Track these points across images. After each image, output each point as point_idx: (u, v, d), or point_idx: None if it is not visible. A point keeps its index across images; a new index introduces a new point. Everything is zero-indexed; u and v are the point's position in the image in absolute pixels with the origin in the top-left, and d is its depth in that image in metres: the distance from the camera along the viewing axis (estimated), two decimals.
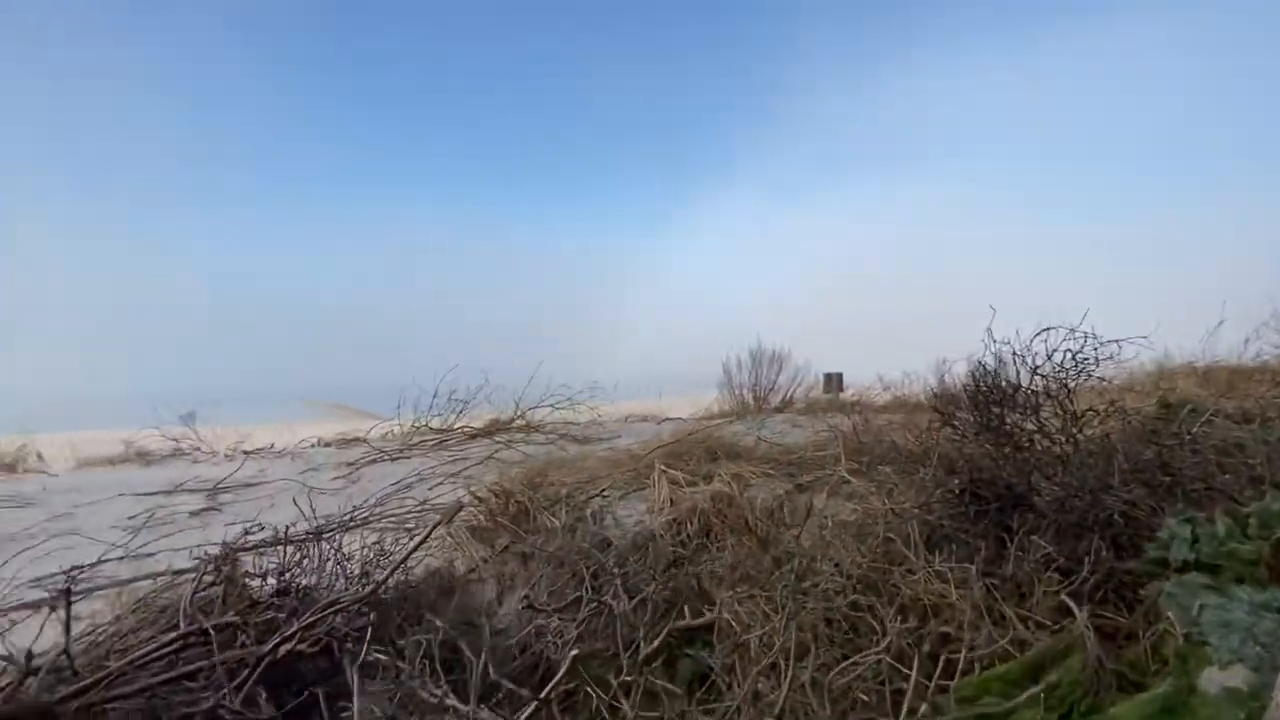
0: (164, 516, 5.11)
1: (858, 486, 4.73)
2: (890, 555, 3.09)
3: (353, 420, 16.16)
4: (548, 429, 8.60)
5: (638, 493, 5.41)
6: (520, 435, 8.12)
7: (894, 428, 6.43)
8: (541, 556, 3.88)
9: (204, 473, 6.49)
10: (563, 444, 7.71)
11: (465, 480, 6.10)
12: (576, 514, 4.47)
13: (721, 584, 3.15)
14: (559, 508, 4.63)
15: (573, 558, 3.73)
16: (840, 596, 2.49)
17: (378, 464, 6.90)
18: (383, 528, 4.36)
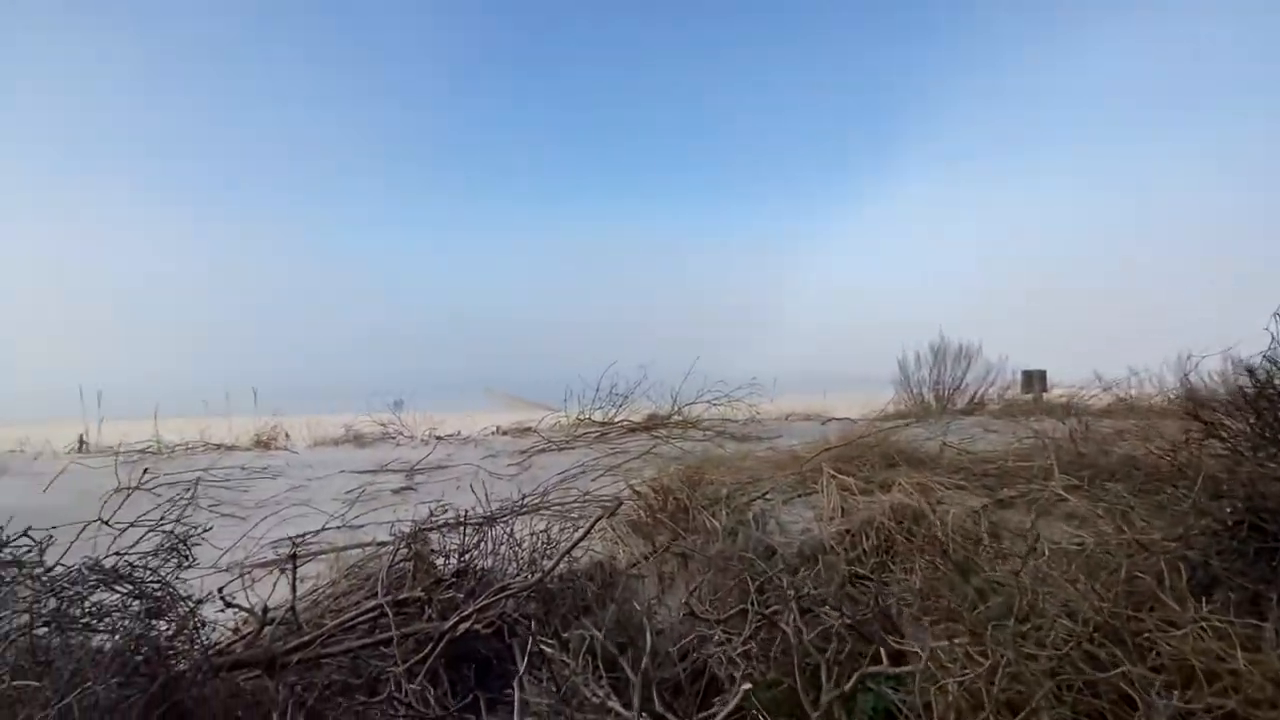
0: (372, 493, 5.83)
1: (1078, 507, 3.95)
2: (1135, 598, 2.47)
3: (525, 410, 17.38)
4: (704, 425, 8.48)
5: (803, 498, 5.06)
6: (677, 431, 8.09)
7: (1123, 436, 5.33)
8: (702, 559, 3.73)
9: (404, 455, 7.32)
10: (720, 441, 7.52)
11: (624, 474, 6.18)
12: (737, 516, 4.26)
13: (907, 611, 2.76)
14: (718, 508, 4.45)
15: (735, 564, 3.53)
16: (1073, 647, 2.01)
17: (546, 453, 7.28)
18: (550, 516, 4.51)
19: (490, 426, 9.48)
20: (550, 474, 6.17)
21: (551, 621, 3.18)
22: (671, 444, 7.35)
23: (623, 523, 4.41)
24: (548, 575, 3.15)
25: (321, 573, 4.06)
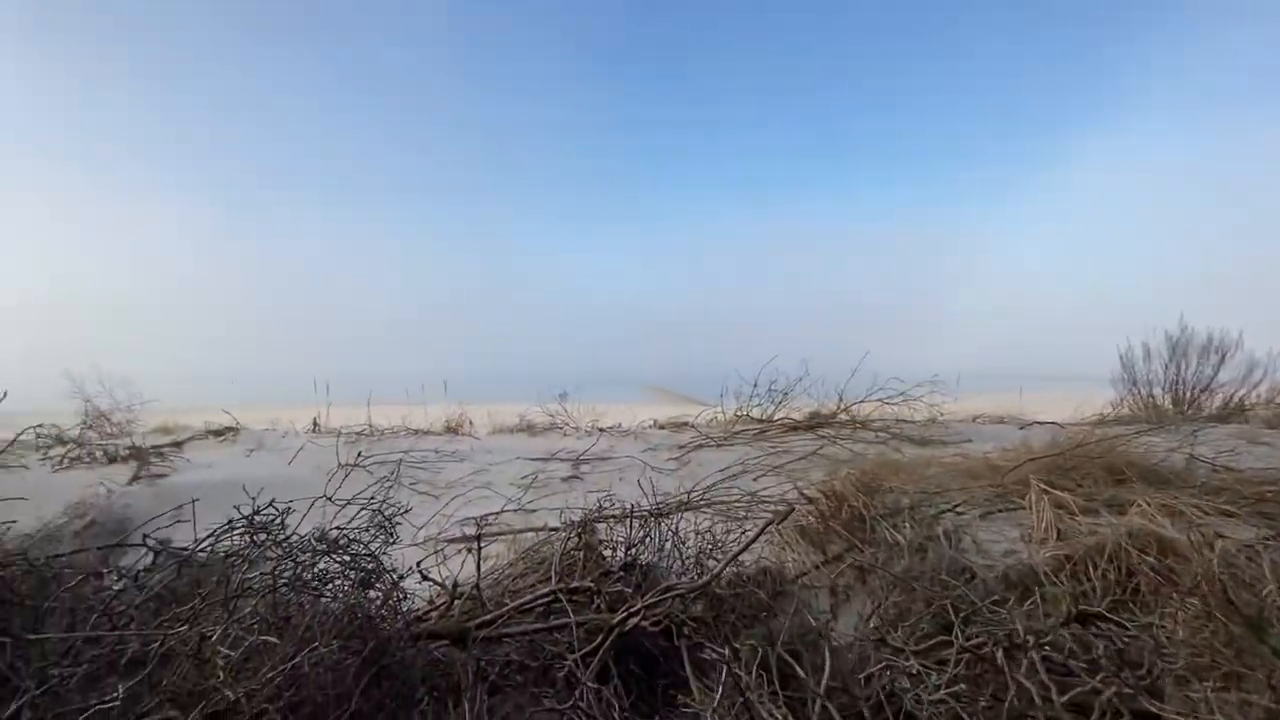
0: (543, 480, 6.16)
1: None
2: None
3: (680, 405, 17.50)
4: (876, 426, 7.81)
5: (1005, 514, 4.40)
6: (845, 431, 7.54)
7: None
8: (884, 575, 3.37)
9: (570, 445, 7.67)
10: (896, 445, 6.87)
11: (789, 474, 5.87)
12: (925, 530, 3.80)
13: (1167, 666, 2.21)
14: (901, 519, 4.01)
15: (925, 584, 3.13)
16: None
17: (704, 449, 7.18)
18: (713, 514, 4.39)
19: (648, 420, 9.63)
20: (709, 471, 6.06)
21: (720, 627, 3.06)
22: (839, 445, 6.86)
23: (791, 527, 4.15)
24: (716, 578, 3.02)
25: (500, 553, 4.33)
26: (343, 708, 1.97)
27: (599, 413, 10.11)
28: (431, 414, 10.41)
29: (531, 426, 9.24)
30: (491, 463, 6.88)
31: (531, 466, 6.66)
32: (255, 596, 2.15)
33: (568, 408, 10.19)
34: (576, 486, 6.05)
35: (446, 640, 3.00)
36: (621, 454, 7.10)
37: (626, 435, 8.36)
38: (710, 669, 2.67)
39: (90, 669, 2.12)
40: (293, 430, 9.16)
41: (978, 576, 3.31)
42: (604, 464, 6.79)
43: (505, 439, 8.63)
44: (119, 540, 4.01)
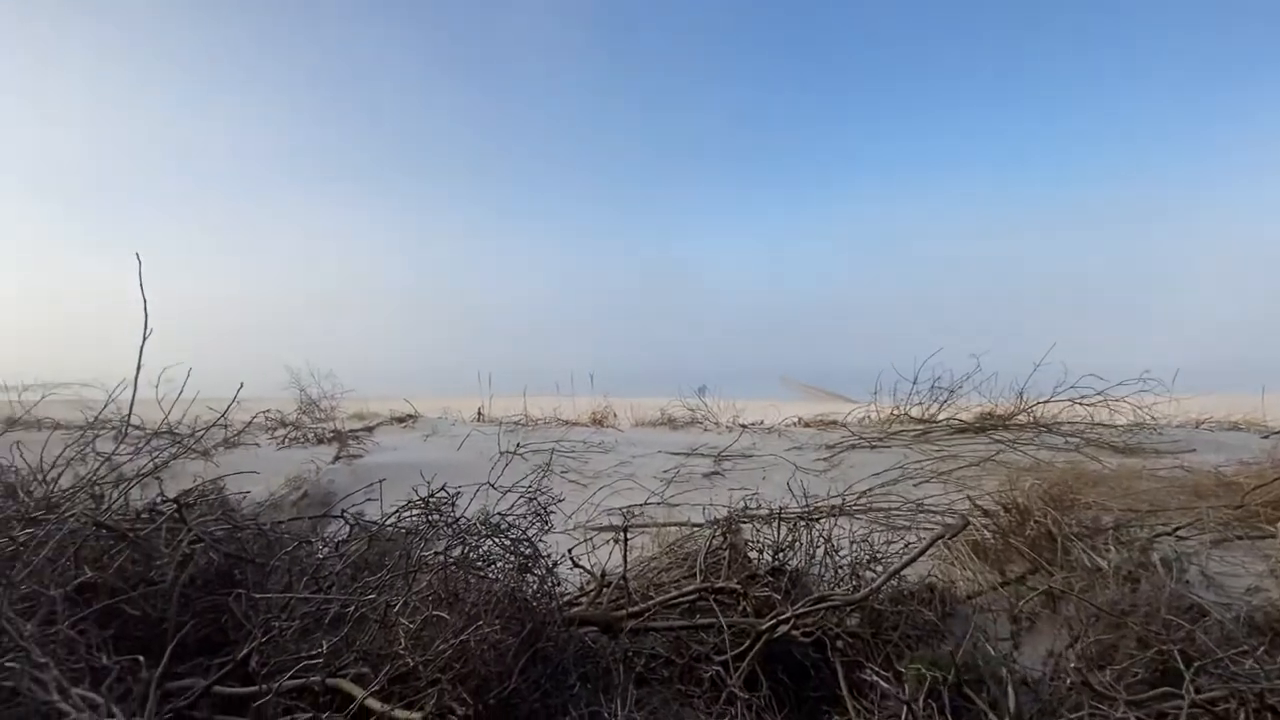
0: (685, 474, 6.16)
1: None
2: None
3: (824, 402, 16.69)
4: (1065, 430, 6.81)
5: (1245, 542, 3.62)
6: (1026, 435, 6.66)
7: None
8: (1082, 605, 2.90)
9: (711, 440, 7.61)
10: (1093, 452, 5.93)
11: (957, 482, 5.30)
12: (1136, 556, 3.21)
13: None
14: (1102, 541, 3.44)
15: (1140, 620, 2.64)
16: None
17: (856, 450, 6.74)
18: (869, 521, 4.08)
19: (791, 417, 9.26)
20: (863, 474, 5.67)
21: (879, 645, 2.82)
22: (1019, 451, 6.08)
23: (962, 542, 3.73)
24: (875, 592, 2.79)
25: (645, 545, 4.38)
26: (503, 684, 2.08)
27: (739, 408, 9.94)
28: (579, 406, 10.90)
29: (672, 420, 9.31)
30: (635, 455, 7.02)
31: (673, 461, 6.70)
32: (430, 572, 2.34)
33: (707, 402, 10.13)
34: (718, 483, 5.98)
35: (595, 627, 3.09)
36: (764, 452, 6.90)
37: (769, 432, 8.11)
38: (869, 689, 2.47)
39: (301, 624, 2.45)
40: (460, 419, 10.08)
41: (1210, 616, 2.73)
42: (746, 461, 6.64)
43: (647, 432, 8.78)
44: (324, 512, 4.65)
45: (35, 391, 8.84)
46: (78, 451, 4.93)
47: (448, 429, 9.02)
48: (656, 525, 4.69)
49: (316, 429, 8.72)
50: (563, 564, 2.96)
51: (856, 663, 2.65)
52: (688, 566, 3.76)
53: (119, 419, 6.49)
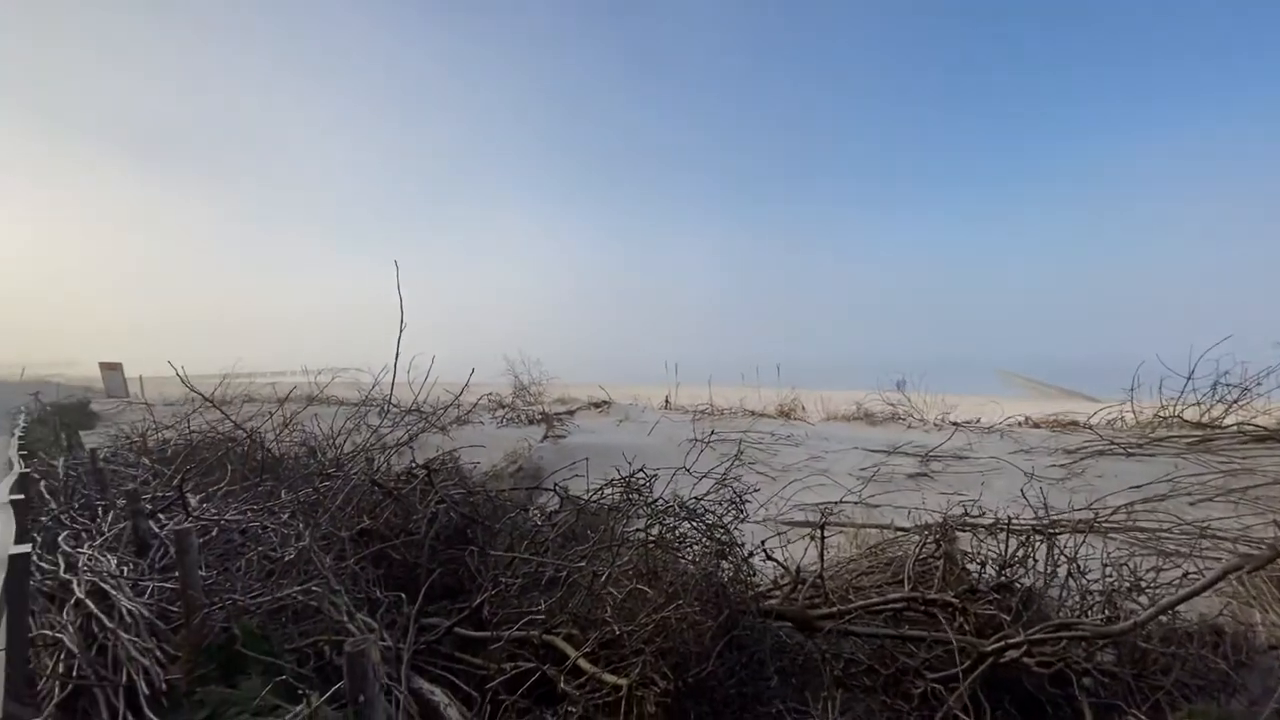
0: (885, 474, 5.71)
1: None
2: None
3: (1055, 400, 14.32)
4: None
5: None
6: None
7: None
8: None
9: (916, 438, 6.95)
10: None
11: (1252, 502, 4.19)
12: None
13: None
14: None
15: None
16: None
17: (1106, 457, 5.66)
18: (1129, 542, 3.40)
19: (1016, 416, 8.09)
20: (1116, 486, 4.74)
21: (1142, 690, 2.33)
22: None
23: (1264, 577, 2.95)
24: (1140, 627, 2.31)
25: (840, 544, 4.16)
26: (701, 665, 2.11)
27: (948, 404, 8.95)
28: (764, 397, 10.71)
29: (870, 415, 8.70)
30: (827, 450, 6.69)
31: (871, 458, 6.25)
32: (631, 548, 2.46)
33: (910, 397, 9.29)
34: (925, 485, 5.44)
35: (790, 623, 3.00)
36: (983, 454, 6.11)
37: (990, 432, 7.17)
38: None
39: (522, 582, 2.74)
40: (649, 406, 10.51)
41: None
42: (959, 464, 5.95)
43: (841, 426, 8.31)
44: (537, 484, 5.17)
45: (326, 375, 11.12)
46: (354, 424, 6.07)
47: (638, 415, 9.45)
48: (854, 526, 4.42)
49: (527, 411, 9.73)
50: (755, 555, 2.91)
51: (1112, 706, 2.23)
52: (891, 572, 3.47)
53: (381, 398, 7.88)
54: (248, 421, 5.63)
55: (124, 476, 4.81)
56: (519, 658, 2.50)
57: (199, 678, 2.25)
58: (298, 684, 2.08)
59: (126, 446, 6.29)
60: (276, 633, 2.48)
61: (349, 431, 5.80)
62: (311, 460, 5.19)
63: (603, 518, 2.89)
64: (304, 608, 2.60)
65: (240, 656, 2.28)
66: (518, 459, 6.87)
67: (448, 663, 2.69)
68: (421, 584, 3.08)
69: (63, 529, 3.61)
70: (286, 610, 2.60)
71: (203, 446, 5.55)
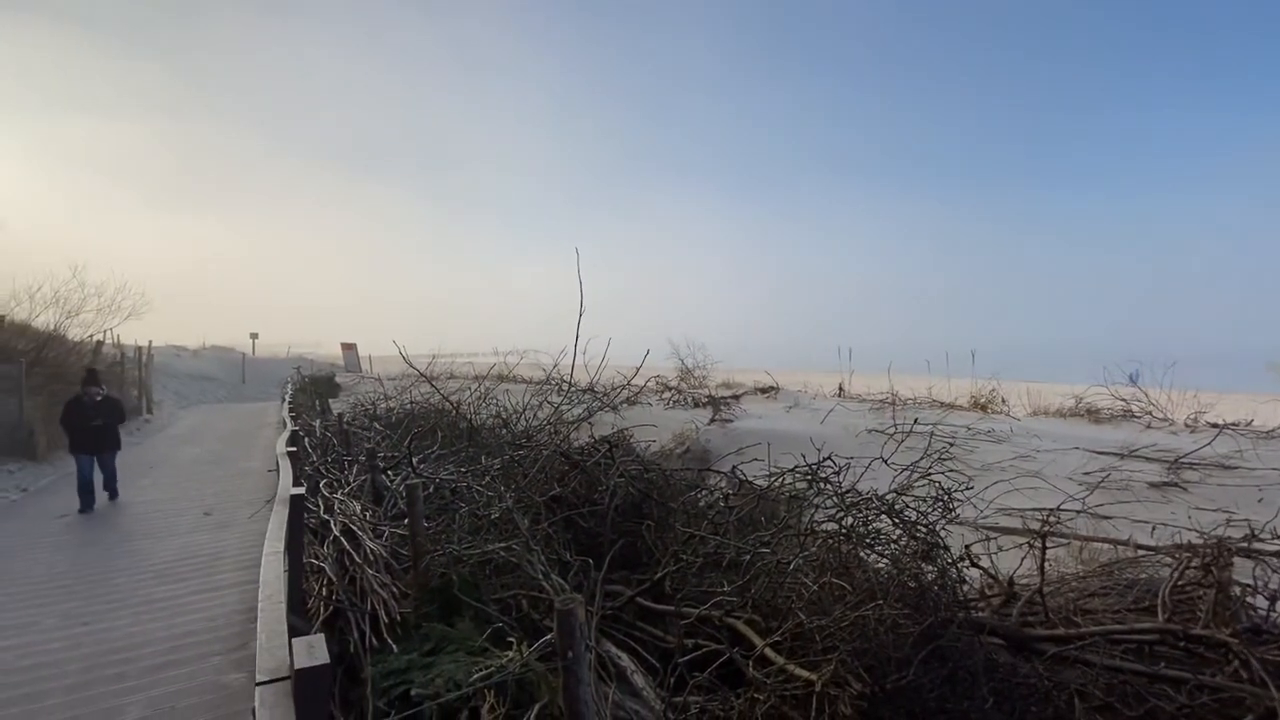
0: (1118, 480, 4.82)
1: None
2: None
3: None
4: None
5: None
6: None
7: None
8: None
9: (1160, 441, 5.78)
10: None
11: None
12: None
13: None
14: None
15: None
16: None
17: None
18: None
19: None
20: None
21: None
22: None
23: None
24: None
25: (1060, 558, 3.60)
26: (901, 673, 1.93)
27: (1204, 403, 7.33)
28: (955, 387, 9.67)
29: (1093, 411, 7.43)
30: (1039, 449, 5.82)
31: (1098, 460, 5.31)
32: (818, 538, 2.32)
33: (1149, 393, 7.76)
34: (1174, 497, 4.50)
35: (1002, 640, 2.64)
36: (1260, 465, 4.90)
37: (1264, 437, 5.74)
38: None
39: (702, 561, 2.73)
40: (821, 393, 10.02)
41: None
42: (1224, 474, 4.83)
43: (1054, 423, 7.21)
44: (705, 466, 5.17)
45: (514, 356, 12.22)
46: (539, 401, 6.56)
47: (808, 402, 9.06)
48: (1079, 538, 3.79)
49: (693, 394, 9.81)
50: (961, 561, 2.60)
51: None
52: (1133, 597, 2.91)
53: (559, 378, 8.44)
54: (453, 395, 6.34)
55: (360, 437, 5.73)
56: (698, 634, 2.50)
57: (423, 614, 2.58)
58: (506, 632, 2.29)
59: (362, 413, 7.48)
60: (484, 583, 2.76)
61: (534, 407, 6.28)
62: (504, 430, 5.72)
63: (784, 505, 2.78)
64: (505, 563, 2.85)
65: (456, 600, 2.57)
66: (685, 440, 6.95)
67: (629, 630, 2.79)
68: (605, 552, 3.23)
69: (321, 477, 4.39)
70: (491, 563, 2.88)
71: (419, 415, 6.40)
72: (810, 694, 1.89)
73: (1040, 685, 2.34)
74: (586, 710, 1.47)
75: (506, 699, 1.84)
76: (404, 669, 2.12)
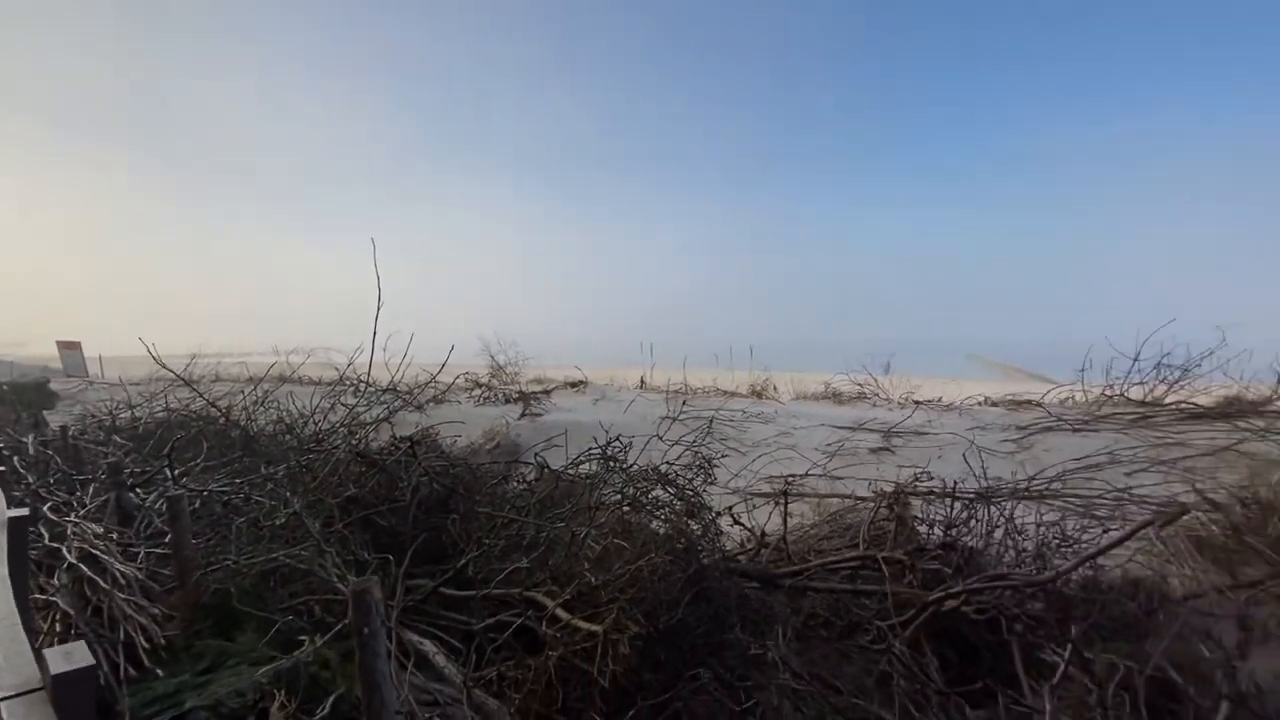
0: (849, 448, 6.00)
1: None
2: None
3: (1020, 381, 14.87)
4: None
5: None
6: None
7: None
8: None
9: (881, 416, 7.26)
10: None
11: (1183, 472, 4.55)
12: None
13: None
14: None
15: None
16: None
17: (1054, 433, 6.03)
18: (1062, 507, 3.70)
19: (977, 396, 8.47)
20: (1060, 458, 5.08)
21: (1065, 632, 2.61)
22: (1272, 442, 5.03)
23: (1182, 537, 3.26)
24: (1063, 576, 2.58)
25: (804, 513, 4.40)
26: (671, 613, 2.30)
27: (914, 385, 9.30)
28: (738, 378, 10.95)
29: (838, 395, 9.01)
30: (796, 427, 6.96)
31: (837, 434, 6.53)
32: (607, 510, 2.64)
33: (879, 379, 9.62)
34: (886, 459, 5.74)
35: (755, 582, 3.22)
36: (942, 430, 6.44)
37: (949, 410, 7.52)
38: (1049, 673, 2.32)
39: (505, 544, 2.90)
40: (625, 386, 10.68)
41: None
42: (919, 439, 6.26)
43: (810, 405, 8.61)
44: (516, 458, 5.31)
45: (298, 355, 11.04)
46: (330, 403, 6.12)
47: (614, 395, 9.63)
48: (818, 495, 4.68)
49: (504, 390, 9.82)
50: (723, 519, 3.12)
51: (1038, 645, 2.49)
52: (849, 536, 3.72)
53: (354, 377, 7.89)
54: (219, 400, 5.65)
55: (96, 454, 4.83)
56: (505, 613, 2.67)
57: (196, 633, 2.37)
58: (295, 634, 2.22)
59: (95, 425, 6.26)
60: (270, 593, 2.61)
61: (325, 411, 5.85)
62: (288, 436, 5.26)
63: (581, 486, 3.06)
64: (293, 570, 2.72)
65: (236, 614, 2.41)
66: (496, 436, 6.99)
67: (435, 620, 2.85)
68: (407, 548, 3.23)
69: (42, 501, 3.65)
70: (277, 572, 2.72)
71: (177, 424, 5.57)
72: (596, 643, 2.17)
73: (781, 612, 2.93)
74: (384, 682, 1.56)
75: (299, 694, 1.83)
76: (173, 692, 1.98)
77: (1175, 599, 3.01)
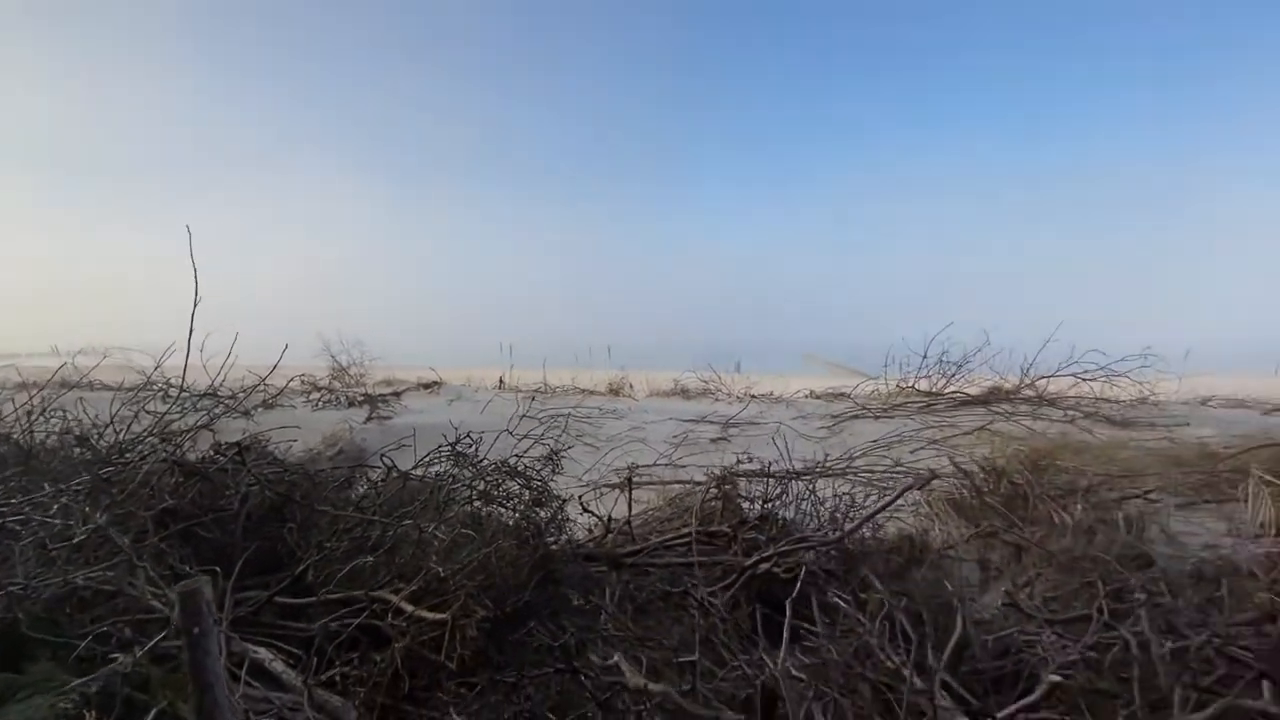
0: (693, 439, 6.52)
1: None
2: None
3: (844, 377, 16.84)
4: (1066, 404, 7.00)
5: (1213, 505, 3.86)
6: (1025, 408, 6.87)
7: None
8: (1040, 554, 3.20)
9: (722, 409, 7.94)
10: (1086, 425, 6.14)
11: (949, 449, 5.57)
12: (1100, 514, 3.49)
13: None
14: (1071, 500, 3.71)
15: (1085, 565, 2.94)
16: None
17: (861, 420, 7.02)
18: (856, 481, 4.40)
19: (804, 389, 9.54)
20: (862, 440, 5.96)
21: (850, 581, 3.16)
22: (1015, 422, 6.31)
23: (941, 500, 4.03)
24: (848, 535, 3.12)
25: (651, 499, 4.76)
26: (519, 595, 2.46)
27: (753, 381, 10.22)
28: (597, 378, 11.28)
29: (686, 391, 9.65)
30: (647, 421, 7.39)
31: (683, 427, 7.05)
32: (457, 505, 2.73)
33: (722, 375, 10.43)
34: (724, 447, 6.32)
35: (602, 564, 3.48)
36: (771, 420, 7.21)
37: (779, 402, 8.41)
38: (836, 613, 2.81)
39: (349, 546, 2.86)
40: (483, 386, 10.54)
41: (1156, 565, 3.02)
42: (753, 428, 6.96)
43: (661, 401, 9.13)
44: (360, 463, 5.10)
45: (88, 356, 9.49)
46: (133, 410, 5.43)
47: (471, 395, 9.48)
48: (661, 483, 5.06)
49: (348, 393, 9.24)
50: (573, 508, 3.34)
51: (827, 590, 2.99)
52: (687, 516, 4.12)
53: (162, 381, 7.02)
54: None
55: None
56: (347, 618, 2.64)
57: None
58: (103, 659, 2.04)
59: None
60: (68, 619, 2.35)
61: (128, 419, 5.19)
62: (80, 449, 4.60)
63: (430, 484, 3.10)
64: (97, 593, 2.48)
65: (26, 642, 2.16)
66: (338, 441, 6.62)
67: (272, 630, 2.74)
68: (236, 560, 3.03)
69: None
70: (75, 595, 2.46)
71: None
72: (444, 631, 2.27)
73: (625, 589, 3.21)
74: (217, 682, 1.56)
75: (114, 713, 1.73)
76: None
77: (934, 549, 3.74)
